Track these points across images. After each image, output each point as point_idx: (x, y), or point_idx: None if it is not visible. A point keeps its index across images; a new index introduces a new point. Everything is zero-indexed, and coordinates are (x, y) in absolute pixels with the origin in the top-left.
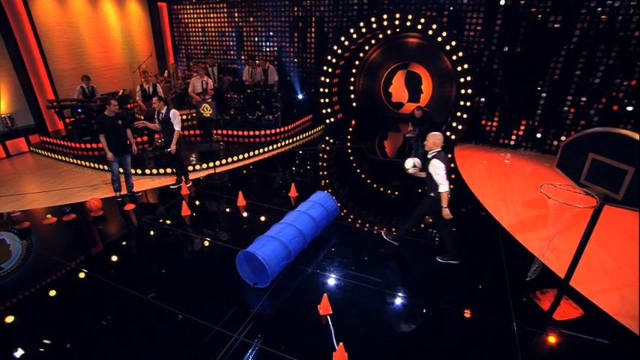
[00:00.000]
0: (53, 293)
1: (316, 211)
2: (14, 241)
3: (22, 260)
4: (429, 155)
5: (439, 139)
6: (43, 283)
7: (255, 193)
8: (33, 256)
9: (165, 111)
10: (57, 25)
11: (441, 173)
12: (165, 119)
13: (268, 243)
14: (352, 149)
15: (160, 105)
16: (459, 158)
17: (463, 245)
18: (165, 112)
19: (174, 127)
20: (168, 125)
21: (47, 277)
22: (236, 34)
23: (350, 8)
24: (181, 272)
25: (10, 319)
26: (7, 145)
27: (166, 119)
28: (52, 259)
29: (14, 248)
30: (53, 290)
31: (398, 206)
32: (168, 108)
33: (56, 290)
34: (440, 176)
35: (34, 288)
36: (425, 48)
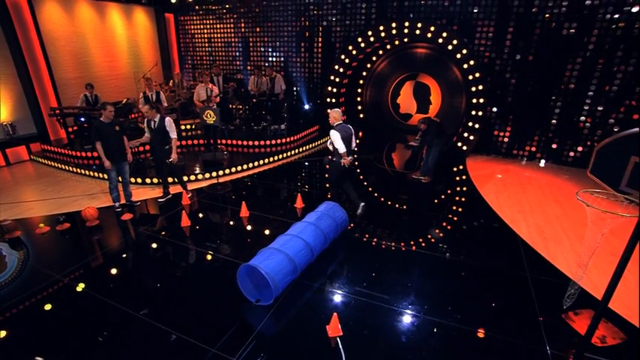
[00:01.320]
0: (35, 308)
1: (324, 222)
2: (10, 252)
3: (16, 272)
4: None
5: (338, 114)
6: (26, 297)
7: (260, 204)
8: (20, 267)
9: (159, 119)
10: (63, 34)
11: (337, 139)
12: (159, 128)
13: (272, 256)
14: (360, 160)
15: (153, 113)
16: (472, 170)
17: (483, 259)
18: (159, 120)
19: (171, 135)
20: (162, 134)
21: (31, 290)
22: (242, 45)
23: (358, 18)
24: (178, 287)
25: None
26: (7, 153)
27: (160, 128)
28: (39, 270)
29: (10, 260)
30: (35, 305)
31: (407, 217)
32: (162, 116)
33: (39, 305)
34: (337, 141)
35: (16, 301)
36: (434, 58)
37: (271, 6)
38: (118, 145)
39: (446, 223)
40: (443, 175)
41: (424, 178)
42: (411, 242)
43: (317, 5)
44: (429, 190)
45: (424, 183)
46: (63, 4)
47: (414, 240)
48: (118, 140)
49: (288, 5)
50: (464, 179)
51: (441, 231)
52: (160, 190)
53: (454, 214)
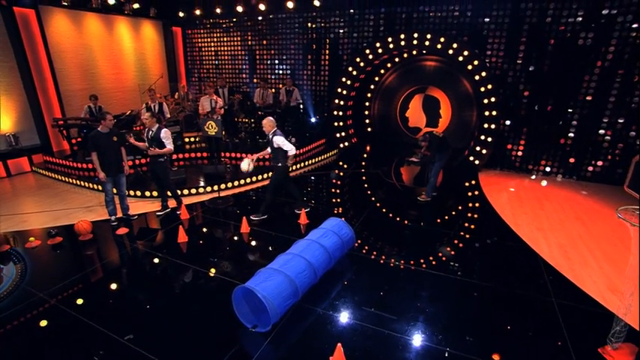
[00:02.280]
0: (8, 329)
1: (329, 239)
2: (8, 266)
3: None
4: (269, 135)
5: (272, 121)
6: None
7: (262, 220)
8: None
9: (157, 129)
10: (71, 47)
11: (286, 141)
12: (155, 137)
13: (271, 277)
14: (367, 175)
15: (152, 122)
16: (485, 185)
17: (502, 281)
18: (157, 130)
19: (167, 145)
20: (157, 144)
21: (8, 309)
22: (249, 57)
23: (366, 30)
24: (169, 309)
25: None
26: (8, 164)
27: (156, 137)
28: (21, 287)
29: (7, 273)
30: (9, 326)
31: (418, 235)
32: (160, 126)
33: (14, 325)
34: (287, 144)
35: None
36: (443, 71)
37: (278, 18)
38: (115, 156)
39: (459, 241)
40: (455, 190)
41: (429, 198)
42: (422, 261)
43: (324, 18)
44: (440, 205)
45: (429, 201)
46: (72, 16)
47: (424, 259)
48: (115, 151)
49: (295, 18)
50: (477, 194)
51: (454, 249)
52: (159, 204)
53: (468, 232)
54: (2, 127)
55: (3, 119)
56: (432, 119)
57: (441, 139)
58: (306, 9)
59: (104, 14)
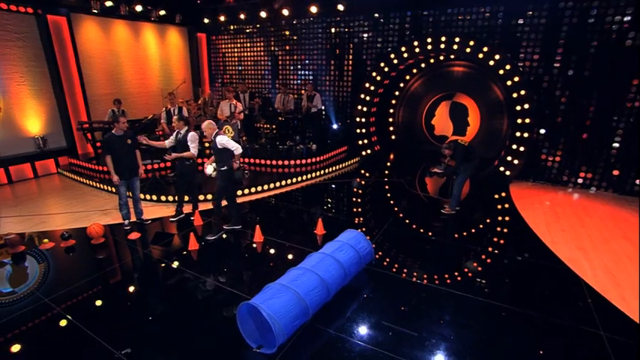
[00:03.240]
0: (8, 334)
1: (345, 254)
2: (21, 267)
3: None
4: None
5: (212, 124)
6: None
7: (277, 229)
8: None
9: (185, 132)
10: (99, 53)
11: (230, 142)
12: (182, 140)
13: (279, 294)
14: (390, 184)
15: (180, 125)
16: (517, 198)
17: (539, 307)
18: (185, 132)
19: (191, 150)
20: (183, 147)
21: (12, 313)
22: (271, 63)
23: (391, 34)
24: (172, 321)
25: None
26: (36, 165)
27: (183, 140)
28: (28, 290)
29: (32, 271)
30: (9, 330)
31: (441, 249)
32: (188, 129)
33: (12, 331)
34: (231, 142)
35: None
36: (472, 77)
37: (301, 24)
38: (129, 159)
39: (487, 259)
40: (483, 203)
41: (453, 211)
42: (446, 278)
43: (348, 22)
44: (467, 218)
45: (452, 214)
46: (101, 24)
47: (451, 278)
48: (130, 154)
49: (318, 23)
50: (507, 208)
51: (481, 268)
52: (174, 209)
53: (497, 248)
54: (32, 129)
55: (33, 122)
56: (459, 127)
57: (466, 148)
58: (329, 14)
59: (131, 21)
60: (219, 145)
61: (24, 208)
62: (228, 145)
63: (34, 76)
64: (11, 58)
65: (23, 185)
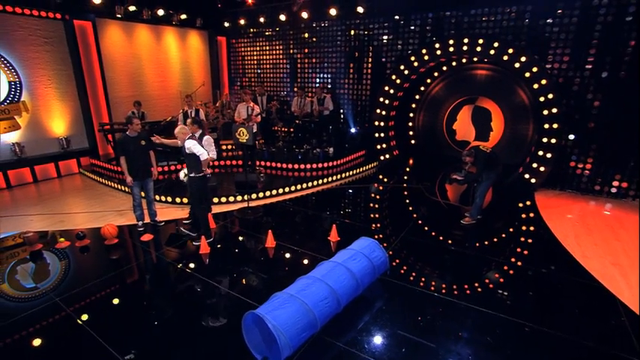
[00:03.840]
0: (15, 333)
1: (358, 263)
2: (48, 262)
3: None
4: (183, 142)
5: (184, 129)
6: (18, 319)
7: (290, 234)
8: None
9: (199, 135)
10: (121, 56)
11: (197, 146)
12: None
13: (286, 304)
14: (409, 190)
15: (194, 128)
16: (543, 207)
17: (570, 329)
18: (199, 136)
19: (209, 154)
20: None
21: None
22: (290, 66)
23: (412, 36)
24: (177, 327)
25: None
26: (59, 165)
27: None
28: (41, 289)
29: (46, 270)
30: (17, 329)
31: (463, 261)
32: (203, 133)
33: (20, 331)
34: (198, 147)
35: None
36: (496, 80)
37: (320, 27)
38: (143, 160)
39: (511, 270)
40: (506, 212)
41: (474, 220)
42: (467, 292)
43: (367, 25)
44: (489, 228)
45: (473, 224)
46: (124, 28)
47: (470, 291)
48: (144, 155)
49: (337, 25)
50: (532, 217)
51: (506, 282)
52: (188, 212)
53: (522, 260)
54: (57, 131)
55: (57, 123)
56: (482, 132)
57: (488, 154)
58: (349, 16)
59: (153, 25)
60: (188, 150)
61: (45, 206)
62: (194, 150)
63: (60, 79)
64: (39, 62)
65: (47, 184)
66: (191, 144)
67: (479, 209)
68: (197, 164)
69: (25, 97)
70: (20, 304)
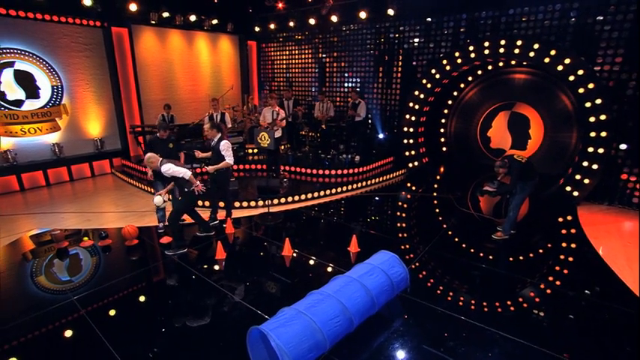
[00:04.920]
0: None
1: (375, 279)
2: (71, 260)
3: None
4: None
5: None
6: (33, 316)
7: (309, 242)
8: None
9: (217, 139)
10: (154, 60)
11: (174, 167)
12: (214, 148)
13: (292, 321)
14: (438, 200)
15: (213, 133)
16: (587, 224)
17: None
18: (217, 140)
19: (225, 158)
20: (217, 156)
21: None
22: (319, 70)
23: (444, 38)
24: (184, 336)
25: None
26: (93, 165)
27: (216, 148)
28: (61, 287)
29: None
30: (31, 327)
31: (490, 279)
32: (221, 137)
33: (33, 329)
34: (176, 168)
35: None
36: (536, 84)
37: (350, 30)
38: None
39: (548, 294)
40: (543, 227)
41: (507, 235)
42: (496, 316)
43: (398, 27)
44: (524, 244)
45: (505, 239)
46: (158, 33)
47: (500, 316)
48: (170, 157)
49: (367, 29)
50: (573, 234)
51: (541, 306)
52: (208, 216)
53: (561, 283)
54: (92, 132)
55: (93, 125)
56: (518, 140)
57: (523, 164)
58: (379, 19)
59: (186, 30)
60: (168, 175)
61: (77, 204)
62: (175, 173)
63: (97, 83)
64: (79, 67)
65: (81, 183)
66: (167, 168)
67: (512, 223)
68: (183, 182)
69: (66, 100)
70: (37, 302)
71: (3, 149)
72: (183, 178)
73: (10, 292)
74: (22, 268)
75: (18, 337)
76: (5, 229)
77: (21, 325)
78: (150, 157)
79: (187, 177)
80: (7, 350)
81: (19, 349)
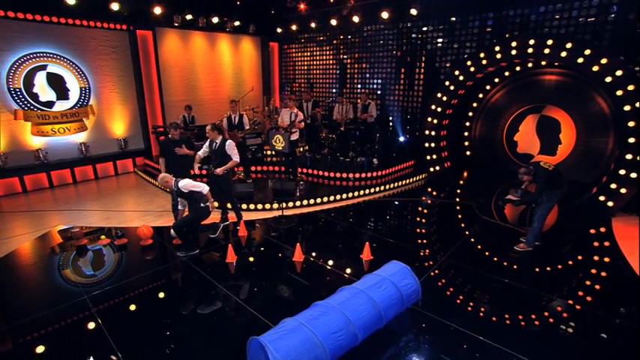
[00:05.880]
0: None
1: (383, 292)
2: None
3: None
4: (175, 188)
5: (166, 176)
6: (48, 313)
7: (321, 248)
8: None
9: (221, 141)
10: (177, 62)
11: (192, 182)
12: (218, 149)
13: (294, 333)
14: (459, 206)
15: (214, 134)
16: (622, 238)
17: None
18: (220, 141)
19: (232, 157)
20: (221, 157)
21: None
22: (340, 72)
23: (469, 38)
24: (187, 341)
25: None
26: (117, 164)
27: (220, 150)
28: (75, 285)
29: (113, 256)
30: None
31: (510, 294)
32: (224, 138)
33: (44, 326)
34: (194, 183)
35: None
36: (568, 86)
37: (371, 30)
38: (181, 163)
39: (576, 313)
40: (572, 239)
41: (531, 247)
42: (516, 336)
43: (421, 28)
44: (549, 257)
45: (529, 251)
46: (181, 35)
47: (521, 336)
48: (182, 158)
49: (389, 29)
50: (606, 248)
51: (568, 327)
52: (219, 217)
53: (592, 301)
54: (117, 132)
55: (118, 125)
56: (548, 145)
57: (551, 172)
58: (401, 19)
59: (208, 32)
60: (185, 190)
61: (100, 202)
62: (194, 188)
63: (122, 84)
64: (106, 69)
65: (105, 181)
66: (185, 183)
67: (537, 235)
68: (200, 196)
69: (92, 101)
70: (52, 298)
71: (35, 148)
72: (200, 192)
73: (32, 285)
74: (44, 264)
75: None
76: (35, 224)
77: (35, 321)
78: (163, 177)
79: (205, 192)
80: (22, 344)
81: (35, 342)
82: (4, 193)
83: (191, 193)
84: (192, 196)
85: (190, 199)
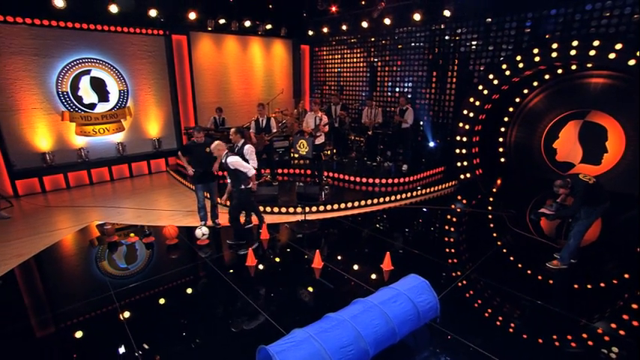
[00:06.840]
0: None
1: (399, 307)
2: (142, 247)
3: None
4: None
5: (221, 145)
6: (77, 306)
7: (341, 255)
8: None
9: (241, 144)
10: (210, 65)
11: (241, 162)
12: (238, 152)
13: (301, 345)
14: (489, 217)
15: (237, 138)
16: None
17: None
18: (241, 145)
19: (250, 163)
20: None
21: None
22: (370, 74)
23: (505, 41)
24: (199, 344)
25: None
26: (151, 163)
27: (240, 153)
28: (102, 281)
29: (140, 253)
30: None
31: (541, 315)
32: (245, 142)
33: (73, 320)
34: (243, 164)
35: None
36: (616, 90)
37: (403, 32)
38: (206, 166)
39: (615, 342)
40: (615, 258)
41: (565, 265)
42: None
43: (454, 29)
44: (586, 277)
45: (563, 269)
46: (214, 39)
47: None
48: (207, 161)
49: (421, 31)
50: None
51: (604, 357)
52: (242, 218)
53: (632, 330)
54: (152, 132)
55: (153, 126)
56: (591, 153)
57: (590, 186)
58: (434, 20)
59: (241, 36)
60: (231, 166)
61: (133, 200)
62: (240, 168)
63: (157, 87)
64: (143, 72)
65: (139, 180)
66: (234, 160)
67: (572, 252)
68: (245, 177)
69: (130, 103)
70: (82, 291)
71: (78, 147)
72: (246, 174)
73: (67, 278)
74: (83, 256)
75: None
76: (76, 218)
77: (66, 314)
78: (217, 144)
79: (250, 175)
80: (53, 334)
81: (65, 333)
82: (51, 189)
83: (236, 171)
84: (235, 174)
85: (233, 177)
